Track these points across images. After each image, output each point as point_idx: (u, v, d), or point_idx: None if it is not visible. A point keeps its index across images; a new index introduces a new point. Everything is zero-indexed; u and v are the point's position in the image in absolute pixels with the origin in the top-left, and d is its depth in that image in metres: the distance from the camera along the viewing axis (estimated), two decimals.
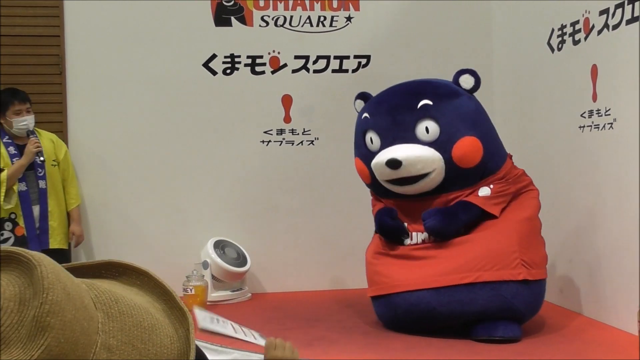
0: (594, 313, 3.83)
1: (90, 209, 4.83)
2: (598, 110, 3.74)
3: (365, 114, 3.78)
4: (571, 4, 3.98)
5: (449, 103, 3.61)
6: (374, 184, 3.79)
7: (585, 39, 3.85)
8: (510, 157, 3.79)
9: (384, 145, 3.62)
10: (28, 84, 4.64)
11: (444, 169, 3.54)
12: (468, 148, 3.53)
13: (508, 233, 3.48)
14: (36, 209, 4.40)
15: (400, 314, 3.54)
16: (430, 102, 3.59)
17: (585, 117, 3.86)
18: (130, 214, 4.87)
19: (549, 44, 4.25)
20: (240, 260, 4.71)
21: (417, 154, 3.52)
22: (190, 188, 4.91)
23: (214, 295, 4.58)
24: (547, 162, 4.31)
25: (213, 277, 4.59)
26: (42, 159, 4.35)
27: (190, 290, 4.36)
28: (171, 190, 4.89)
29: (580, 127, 3.91)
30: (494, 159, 3.64)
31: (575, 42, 3.95)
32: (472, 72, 3.75)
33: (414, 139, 3.57)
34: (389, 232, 3.69)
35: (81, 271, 1.10)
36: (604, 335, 3.52)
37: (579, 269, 4.00)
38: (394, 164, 3.52)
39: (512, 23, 4.82)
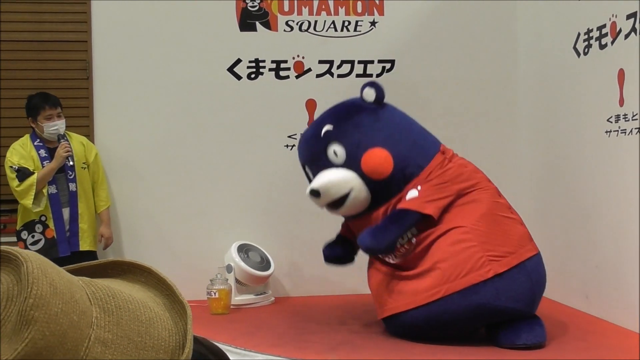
0: (621, 320, 3.78)
1: (117, 211, 4.87)
2: (625, 115, 3.70)
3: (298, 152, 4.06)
4: (598, 7, 3.95)
5: (349, 122, 3.76)
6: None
7: (612, 43, 3.82)
8: (442, 152, 3.75)
9: (314, 176, 3.81)
10: (55, 89, 4.68)
11: (364, 184, 3.63)
12: (374, 160, 3.62)
13: (466, 238, 3.44)
14: (66, 212, 4.45)
15: (402, 334, 3.59)
16: (330, 127, 3.77)
17: (611, 122, 3.82)
18: (155, 218, 4.91)
19: (574, 48, 4.22)
20: (264, 264, 4.73)
21: (327, 179, 3.68)
22: (214, 192, 4.93)
23: (238, 299, 4.60)
24: (573, 167, 4.28)
25: (237, 280, 4.61)
26: (71, 163, 4.40)
27: (214, 293, 4.37)
28: (196, 194, 4.92)
29: (606, 131, 3.87)
30: (412, 162, 3.65)
31: (602, 46, 3.92)
32: (372, 84, 3.86)
33: (329, 165, 3.73)
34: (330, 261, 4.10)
35: (88, 271, 1.11)
36: (631, 342, 3.47)
37: (606, 275, 3.96)
38: (314, 194, 3.70)
39: (538, 27, 4.79)
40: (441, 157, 3.71)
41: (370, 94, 3.81)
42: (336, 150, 3.70)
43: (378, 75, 4.99)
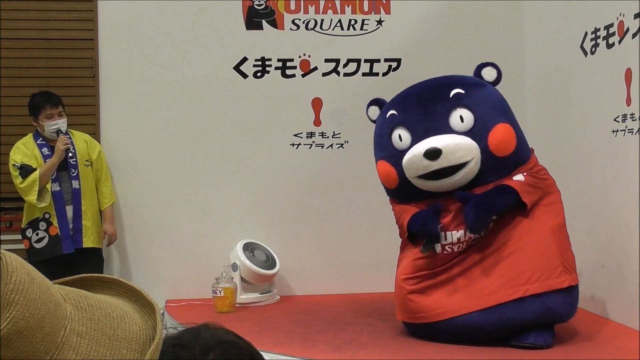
0: (627, 320, 3.77)
1: (123, 209, 4.88)
2: (632, 114, 3.69)
3: (392, 112, 3.65)
4: (605, 7, 3.94)
5: (480, 91, 3.57)
6: (400, 188, 3.62)
7: (620, 42, 3.80)
8: (533, 151, 3.73)
9: (416, 139, 3.48)
10: (62, 87, 4.70)
11: (480, 159, 3.44)
12: (504, 135, 3.46)
13: (547, 240, 3.43)
14: (70, 209, 4.46)
15: (447, 337, 3.45)
16: (462, 91, 3.52)
17: (618, 122, 3.81)
18: (161, 216, 4.91)
19: (582, 47, 4.21)
20: (269, 262, 4.73)
21: (456, 142, 3.40)
22: (220, 190, 4.93)
23: (243, 297, 4.60)
24: (580, 166, 4.26)
25: (242, 279, 4.61)
26: (70, 155, 4.41)
27: (220, 292, 4.38)
28: (201, 193, 4.92)
29: (613, 131, 3.86)
30: (524, 149, 3.60)
31: (609, 46, 3.91)
32: (494, 65, 3.72)
33: (448, 129, 3.45)
34: (431, 237, 3.48)
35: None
36: (636, 342, 3.46)
37: (612, 274, 3.95)
38: (433, 153, 3.37)
39: (545, 26, 4.78)
40: (534, 155, 3.67)
41: (491, 74, 3.67)
42: (463, 116, 3.45)
43: (384, 74, 4.99)
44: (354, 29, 4.99)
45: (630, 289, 3.75)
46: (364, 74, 4.99)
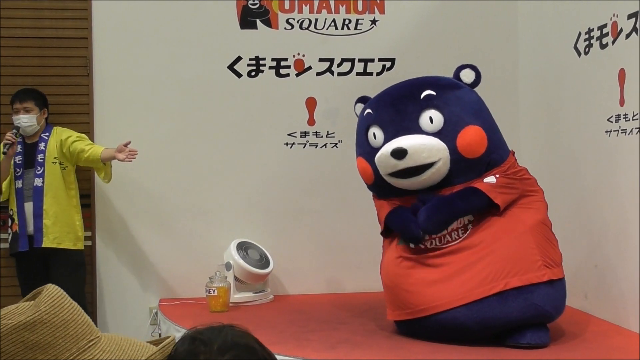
0: (620, 319, 3.79)
1: (117, 208, 4.87)
2: (625, 114, 3.70)
3: (368, 110, 3.76)
4: (599, 7, 3.95)
5: (452, 93, 3.60)
6: (377, 184, 3.73)
7: (613, 42, 3.81)
8: (513, 153, 3.74)
9: (388, 138, 3.57)
10: (55, 86, 4.70)
11: (449, 159, 3.49)
12: (473, 137, 3.50)
13: (525, 237, 3.43)
14: (29, 207, 4.40)
15: (438, 335, 3.45)
16: (433, 92, 3.57)
17: (612, 122, 3.82)
18: (154, 215, 4.90)
19: (575, 47, 4.22)
20: (263, 262, 4.73)
21: (421, 142, 3.47)
22: (214, 190, 4.93)
23: (237, 296, 4.60)
24: (573, 166, 4.28)
25: (236, 278, 4.61)
26: (4, 151, 4.33)
27: (213, 291, 4.37)
28: (195, 192, 4.92)
29: (607, 131, 3.87)
30: (498, 151, 3.61)
31: (603, 46, 3.92)
32: (473, 67, 3.75)
33: (417, 130, 3.52)
34: (410, 238, 3.55)
35: None
36: (629, 342, 3.48)
37: (605, 274, 3.96)
38: (399, 153, 3.45)
39: (539, 27, 4.79)
40: (513, 157, 3.70)
41: (470, 76, 3.70)
42: (433, 117, 3.50)
43: (378, 74, 5.00)
44: (348, 28, 5.00)
45: (623, 289, 3.76)
46: (358, 74, 4.99)
